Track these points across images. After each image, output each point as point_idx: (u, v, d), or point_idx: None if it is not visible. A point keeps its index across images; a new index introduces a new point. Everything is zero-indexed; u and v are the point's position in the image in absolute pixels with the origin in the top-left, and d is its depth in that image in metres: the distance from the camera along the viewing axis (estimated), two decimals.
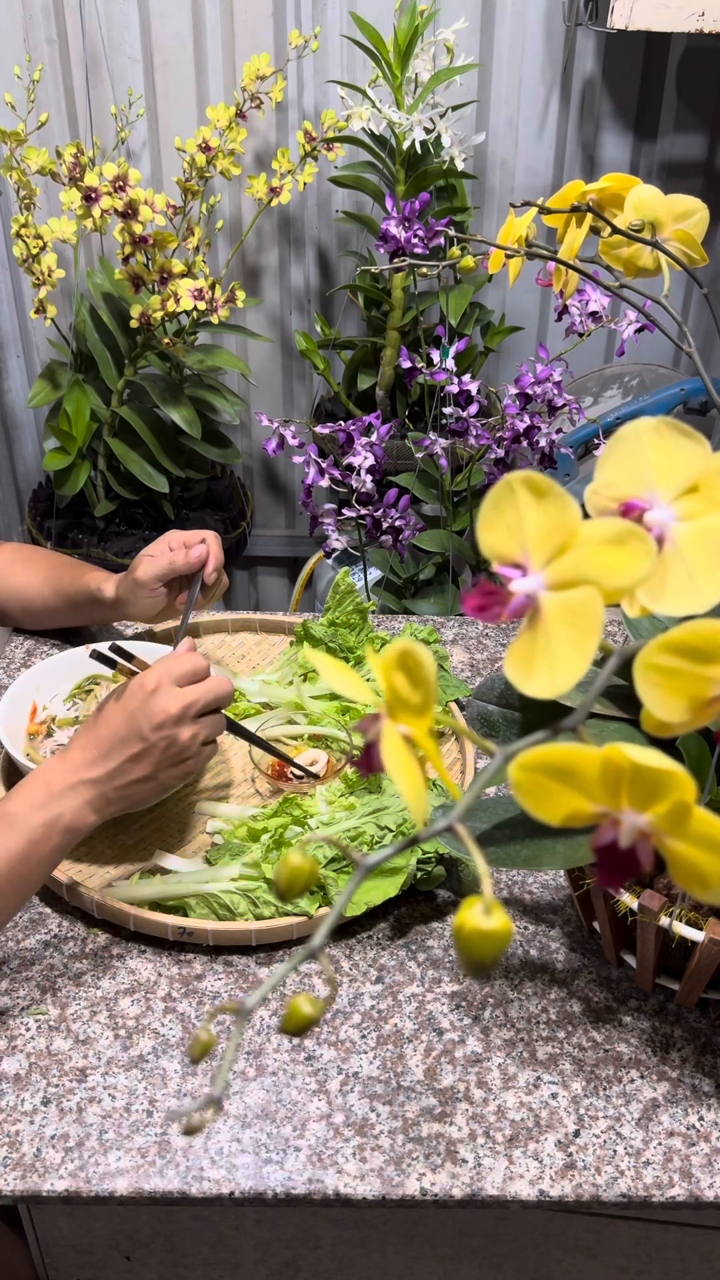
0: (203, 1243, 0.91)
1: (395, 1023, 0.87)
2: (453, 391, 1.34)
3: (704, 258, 0.80)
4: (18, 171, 1.63)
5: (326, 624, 1.22)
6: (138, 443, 1.78)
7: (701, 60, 1.84)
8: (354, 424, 1.32)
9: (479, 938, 0.41)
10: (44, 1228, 0.90)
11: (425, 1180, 0.77)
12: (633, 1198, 0.76)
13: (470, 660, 1.27)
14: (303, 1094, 0.82)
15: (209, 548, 1.10)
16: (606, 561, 0.44)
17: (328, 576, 1.90)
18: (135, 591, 1.10)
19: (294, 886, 0.42)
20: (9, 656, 1.24)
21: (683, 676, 0.44)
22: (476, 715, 0.83)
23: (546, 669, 0.44)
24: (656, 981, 0.86)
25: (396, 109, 1.63)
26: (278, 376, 2.09)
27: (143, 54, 1.82)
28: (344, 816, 1.00)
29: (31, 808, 0.83)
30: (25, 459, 2.16)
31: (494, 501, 0.46)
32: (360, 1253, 0.91)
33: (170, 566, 1.09)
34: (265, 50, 1.80)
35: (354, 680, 0.46)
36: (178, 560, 1.09)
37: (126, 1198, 0.76)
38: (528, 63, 1.84)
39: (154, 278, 1.62)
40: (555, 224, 0.82)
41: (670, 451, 0.47)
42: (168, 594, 1.11)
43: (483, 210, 1.95)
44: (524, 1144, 0.79)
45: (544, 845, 0.72)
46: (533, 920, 0.95)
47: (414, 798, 0.43)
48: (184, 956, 0.92)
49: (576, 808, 0.44)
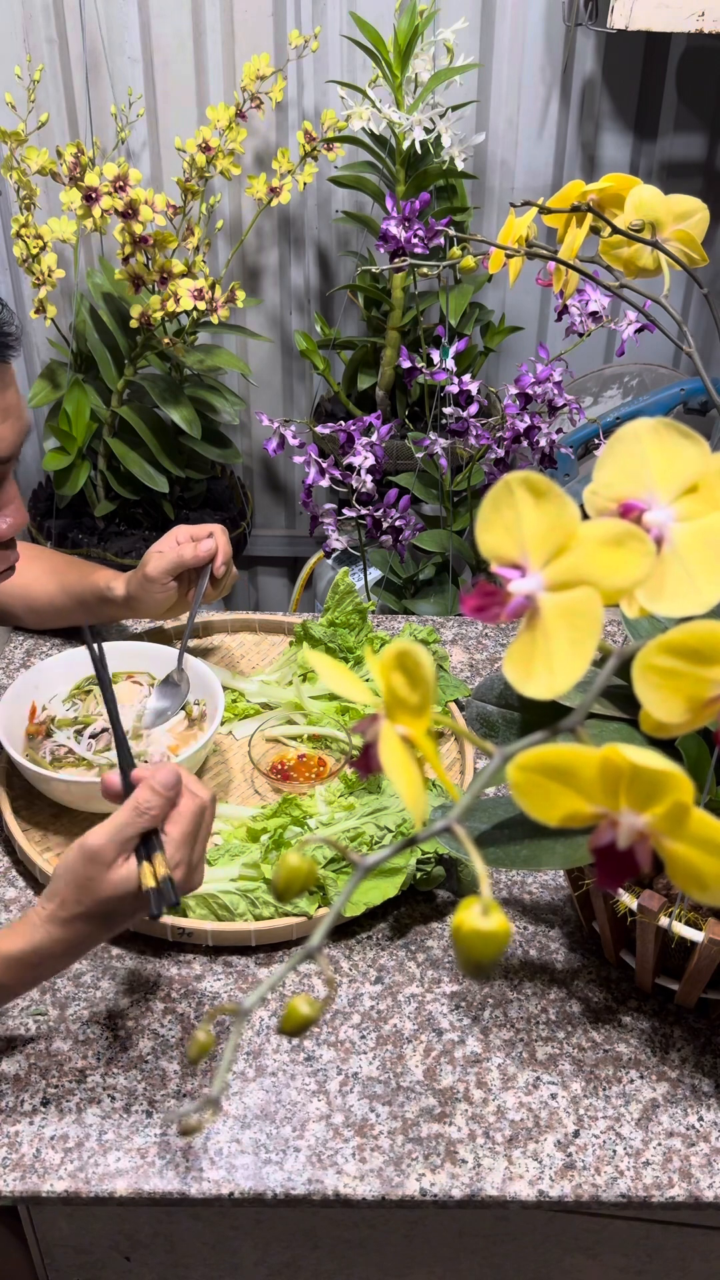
0: (202, 1243, 0.91)
1: (395, 1023, 0.87)
2: (453, 391, 1.34)
3: (704, 258, 0.80)
4: (18, 171, 1.63)
5: (326, 624, 1.22)
6: (138, 443, 1.78)
7: (701, 60, 1.84)
8: (354, 424, 1.32)
9: (477, 938, 0.41)
10: (44, 1228, 0.90)
11: (425, 1180, 0.77)
12: (632, 1198, 0.76)
13: (470, 660, 1.27)
14: (302, 1094, 0.82)
15: (217, 541, 1.11)
16: (605, 562, 0.44)
17: (328, 576, 1.90)
18: (146, 588, 1.10)
19: (292, 887, 0.42)
20: (9, 656, 1.24)
21: (681, 677, 0.44)
22: (476, 715, 0.83)
23: (545, 669, 0.44)
24: (656, 982, 0.86)
25: (396, 109, 1.63)
26: (278, 376, 2.09)
27: (143, 54, 1.82)
28: (343, 817, 1.00)
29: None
30: (25, 459, 2.16)
31: (493, 502, 0.46)
32: (360, 1253, 0.91)
33: (179, 560, 1.10)
34: (265, 50, 1.80)
35: (352, 681, 0.46)
36: (186, 554, 1.10)
37: (126, 1198, 0.76)
38: (528, 63, 1.84)
39: (154, 278, 1.62)
40: (555, 224, 0.82)
41: (669, 452, 0.47)
42: (178, 588, 1.12)
43: (483, 210, 1.95)
44: (524, 1144, 0.79)
45: (543, 846, 0.72)
46: (532, 920, 0.95)
47: (412, 798, 0.43)
48: (183, 957, 0.92)
49: (575, 808, 0.44)
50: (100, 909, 0.74)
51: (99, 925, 0.76)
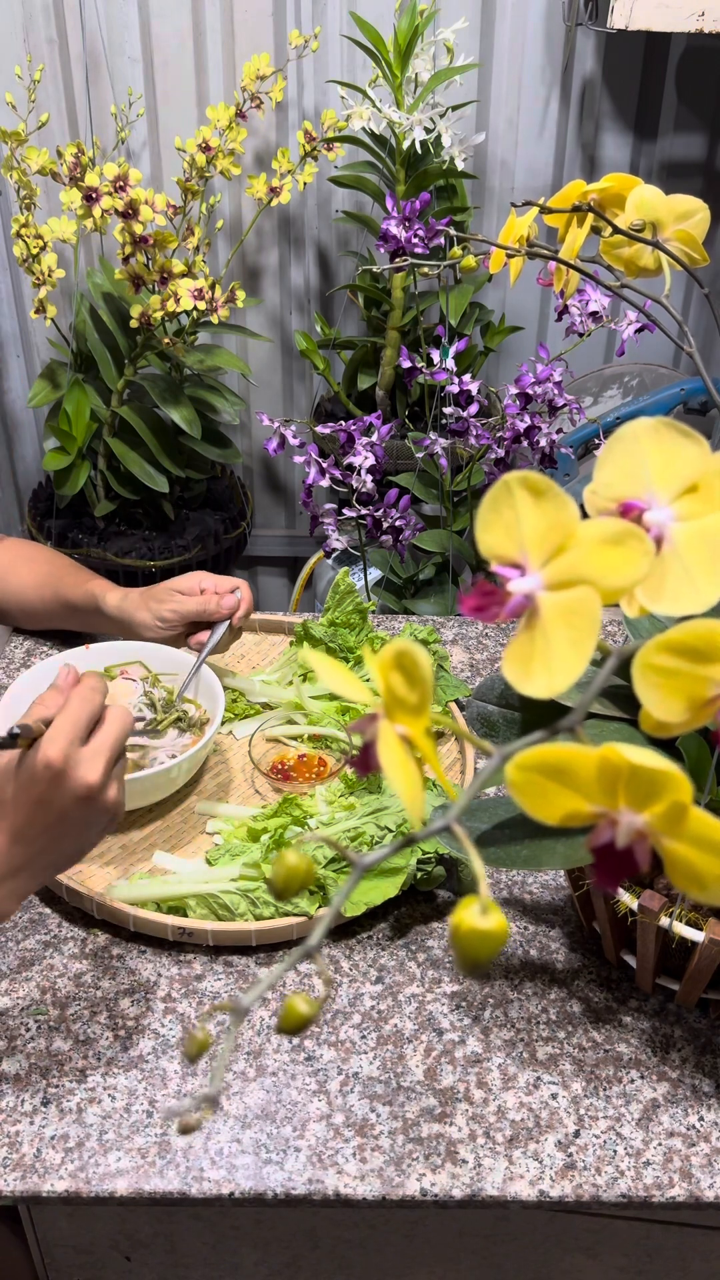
0: (203, 1243, 0.91)
1: (395, 1023, 0.87)
2: (453, 391, 1.34)
3: (705, 258, 0.80)
4: (18, 171, 1.63)
5: (326, 624, 1.22)
6: (138, 443, 1.78)
7: (701, 60, 1.84)
8: (354, 424, 1.32)
9: (476, 937, 0.41)
10: (44, 1228, 0.90)
11: (425, 1181, 0.77)
12: (633, 1198, 0.76)
13: (470, 660, 1.27)
14: (303, 1094, 0.82)
15: (243, 596, 1.11)
16: (605, 561, 0.44)
17: (328, 576, 1.90)
18: (150, 624, 1.10)
19: (290, 886, 0.42)
20: (9, 656, 1.24)
21: (681, 676, 0.44)
22: (476, 715, 0.83)
23: (544, 669, 0.44)
24: (656, 982, 0.86)
25: (396, 109, 1.63)
26: (278, 376, 2.09)
27: (143, 54, 1.82)
28: (344, 817, 1.00)
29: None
30: (25, 459, 2.16)
31: (492, 502, 0.46)
32: (360, 1253, 0.91)
33: (202, 610, 1.09)
34: (265, 50, 1.80)
35: (351, 680, 0.46)
36: (210, 606, 1.09)
37: (126, 1198, 0.76)
38: (528, 63, 1.84)
39: (154, 278, 1.62)
40: (556, 224, 0.82)
41: (669, 452, 0.47)
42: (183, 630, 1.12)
43: (483, 210, 1.95)
44: (524, 1144, 0.79)
45: (543, 845, 0.72)
46: (533, 920, 0.95)
47: (410, 798, 0.43)
48: (184, 957, 0.92)
49: (574, 808, 0.44)
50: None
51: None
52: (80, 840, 0.77)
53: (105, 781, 0.75)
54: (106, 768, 0.75)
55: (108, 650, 1.14)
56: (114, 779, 0.76)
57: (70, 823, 0.75)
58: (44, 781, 0.73)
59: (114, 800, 0.76)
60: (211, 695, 1.09)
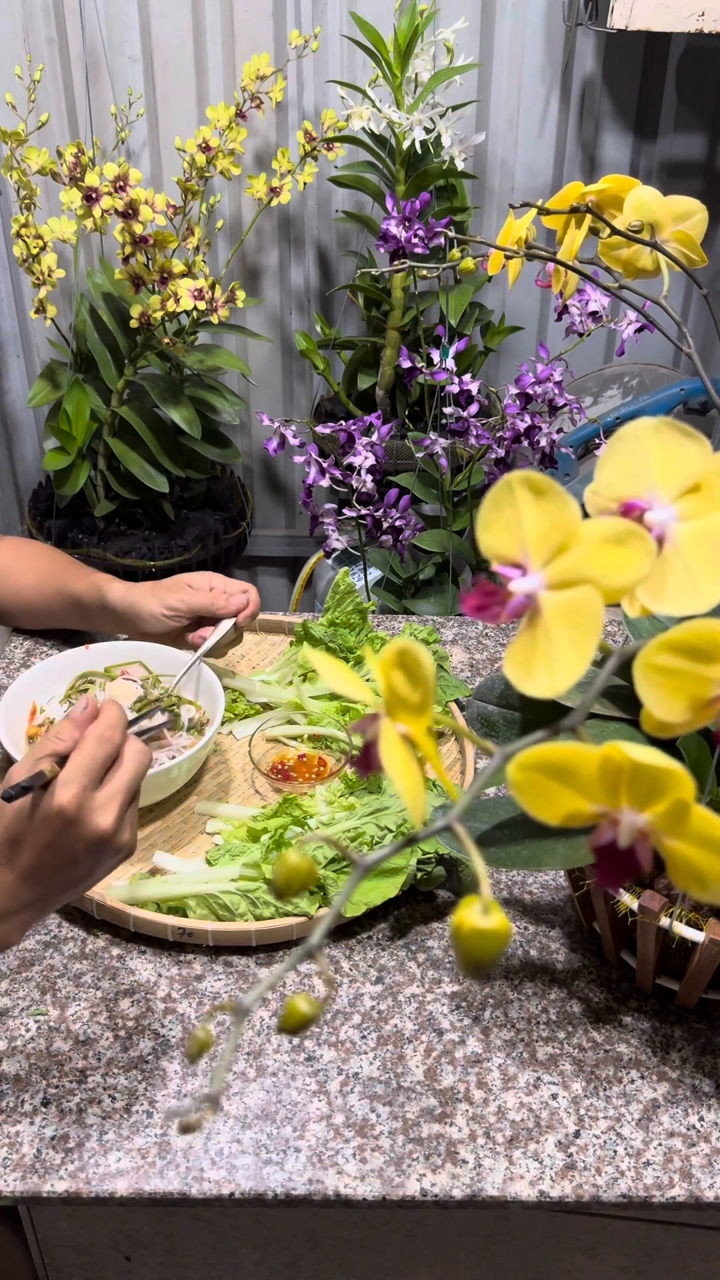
0: (203, 1243, 0.91)
1: (395, 1023, 0.87)
2: (453, 391, 1.34)
3: (703, 259, 0.80)
4: (18, 171, 1.63)
5: (326, 624, 1.22)
6: (138, 443, 1.78)
7: (701, 60, 1.84)
8: (354, 424, 1.32)
9: (477, 937, 0.41)
10: (44, 1228, 0.90)
11: (425, 1181, 0.77)
12: (633, 1198, 0.76)
13: (470, 660, 1.27)
14: (303, 1095, 0.82)
15: (250, 598, 1.12)
16: (606, 561, 0.44)
17: (328, 576, 1.90)
18: (156, 613, 1.10)
19: (291, 885, 0.42)
20: (9, 656, 1.24)
21: (683, 676, 0.44)
22: (476, 715, 0.83)
23: (546, 669, 0.44)
24: (656, 982, 0.86)
25: (396, 109, 1.63)
26: (278, 376, 2.09)
27: (143, 54, 1.82)
28: (344, 817, 1.00)
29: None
30: (25, 459, 2.16)
31: (493, 501, 0.46)
32: (360, 1253, 0.91)
33: (209, 605, 1.10)
34: (265, 50, 1.80)
35: (353, 680, 0.46)
36: (218, 601, 1.10)
37: (126, 1199, 0.76)
38: (528, 63, 1.84)
39: (154, 278, 1.62)
40: (555, 225, 0.82)
41: (670, 451, 0.47)
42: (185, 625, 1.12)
43: (483, 210, 1.95)
44: (524, 1144, 0.79)
45: (544, 845, 0.72)
46: (533, 920, 0.95)
47: (412, 797, 0.43)
48: (184, 957, 0.92)
49: (575, 807, 0.44)
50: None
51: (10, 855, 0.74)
52: (90, 878, 0.76)
53: (119, 827, 0.74)
54: (120, 812, 0.74)
55: (108, 650, 1.14)
56: (127, 822, 0.75)
57: (81, 865, 0.74)
58: (56, 828, 0.72)
59: (126, 842, 0.75)
60: (211, 695, 1.09)
